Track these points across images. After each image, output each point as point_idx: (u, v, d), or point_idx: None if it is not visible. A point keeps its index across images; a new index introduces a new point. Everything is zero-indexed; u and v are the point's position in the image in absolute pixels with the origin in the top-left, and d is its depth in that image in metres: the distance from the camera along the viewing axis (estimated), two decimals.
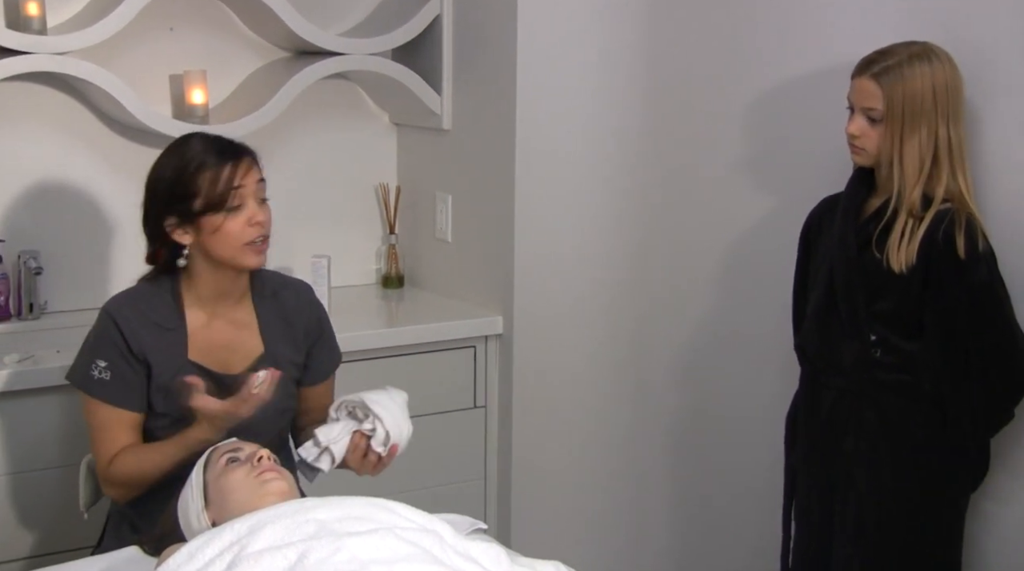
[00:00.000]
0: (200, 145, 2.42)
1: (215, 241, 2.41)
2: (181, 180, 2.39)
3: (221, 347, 2.48)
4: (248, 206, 2.41)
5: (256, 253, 2.44)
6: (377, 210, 3.83)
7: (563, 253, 3.42)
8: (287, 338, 2.55)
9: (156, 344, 2.43)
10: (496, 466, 3.48)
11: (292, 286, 2.61)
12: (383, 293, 3.76)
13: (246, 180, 2.41)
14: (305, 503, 2.01)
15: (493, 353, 3.44)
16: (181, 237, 2.43)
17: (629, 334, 3.52)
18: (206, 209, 2.38)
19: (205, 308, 2.48)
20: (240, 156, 2.42)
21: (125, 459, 2.41)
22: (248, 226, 2.41)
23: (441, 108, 3.55)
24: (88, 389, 2.43)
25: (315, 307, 2.63)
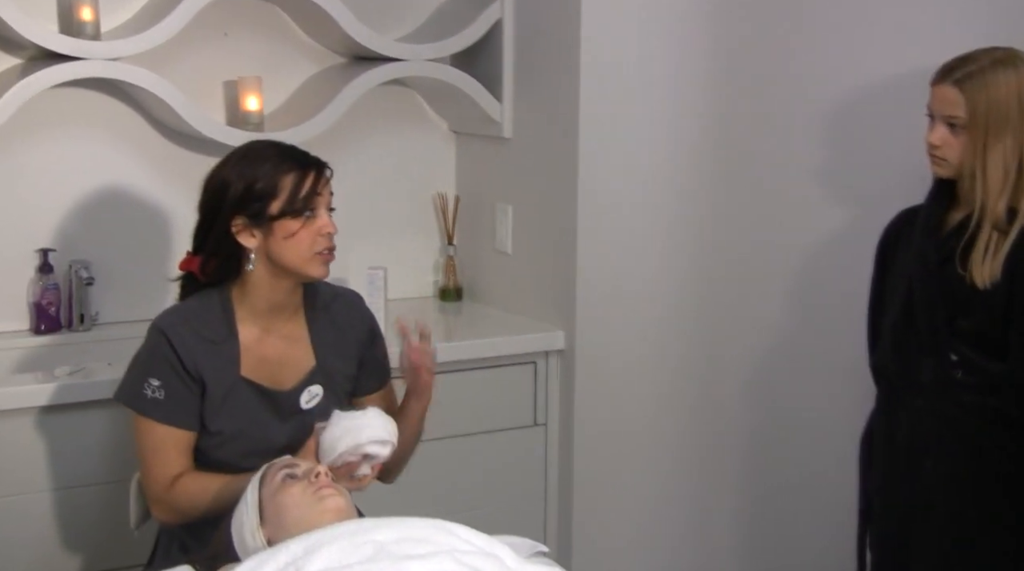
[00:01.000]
0: (277, 148, 2.43)
1: (285, 247, 2.41)
2: (262, 179, 2.39)
3: (273, 362, 2.49)
4: (321, 215, 2.43)
5: (323, 263, 2.44)
6: (435, 221, 3.83)
7: (627, 266, 3.40)
8: (339, 351, 2.56)
9: (210, 361, 2.43)
10: (557, 486, 3.47)
11: (343, 297, 2.62)
12: (441, 306, 3.76)
13: (324, 190, 2.43)
14: (363, 523, 2.01)
15: (554, 369, 3.43)
16: (247, 239, 2.42)
17: (696, 350, 3.50)
18: (284, 213, 2.39)
19: (258, 322, 2.48)
20: (322, 165, 2.44)
21: (189, 487, 2.41)
22: (319, 236, 2.42)
23: (502, 116, 3.55)
24: (141, 409, 2.43)
25: (366, 317, 2.64)
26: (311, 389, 2.50)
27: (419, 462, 3.22)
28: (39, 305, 3.29)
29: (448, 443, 3.31)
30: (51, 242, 3.34)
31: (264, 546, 2.10)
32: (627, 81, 3.33)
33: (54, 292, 3.30)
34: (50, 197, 3.34)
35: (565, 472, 3.45)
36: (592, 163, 3.33)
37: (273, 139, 2.50)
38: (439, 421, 3.26)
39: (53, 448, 2.90)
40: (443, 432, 3.29)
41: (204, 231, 2.46)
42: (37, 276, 3.30)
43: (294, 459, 2.26)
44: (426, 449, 3.24)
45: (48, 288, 3.29)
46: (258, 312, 2.48)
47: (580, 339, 3.38)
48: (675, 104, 3.39)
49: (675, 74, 3.37)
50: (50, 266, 3.30)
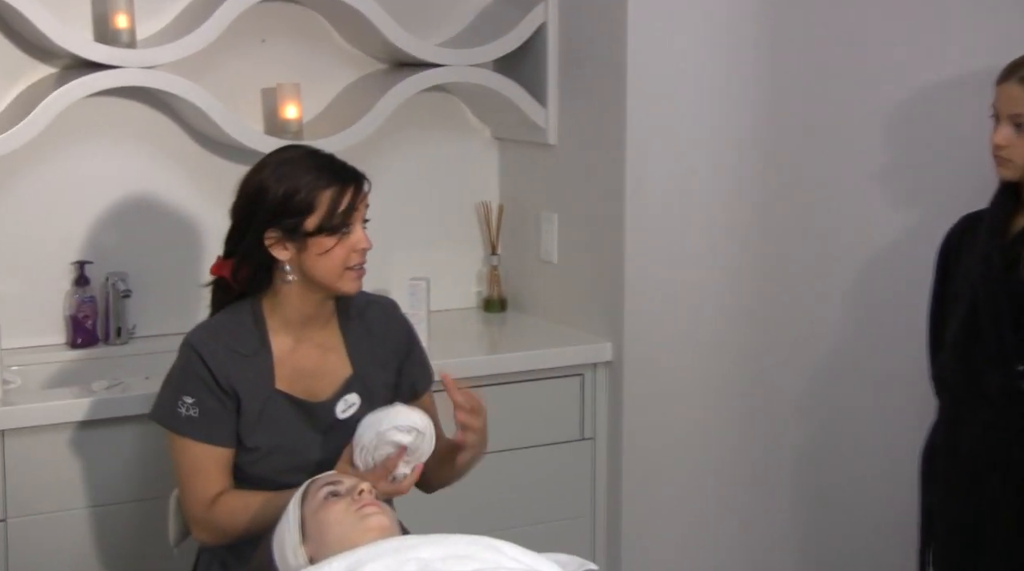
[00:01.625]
0: (315, 160, 2.41)
1: (318, 263, 2.40)
2: (299, 192, 2.37)
3: (308, 373, 2.48)
4: (356, 231, 2.42)
5: (355, 279, 2.44)
6: (478, 230, 3.82)
7: (677, 275, 3.39)
8: (376, 359, 2.54)
9: (243, 375, 2.42)
10: (605, 502, 3.45)
11: (377, 304, 2.61)
12: (484, 317, 3.75)
13: (361, 205, 2.42)
14: (407, 541, 2.01)
15: (602, 381, 3.41)
16: (280, 252, 2.41)
17: (750, 361, 3.48)
18: (320, 230, 2.38)
19: (291, 333, 2.48)
20: (360, 179, 2.43)
21: (230, 505, 2.39)
22: (353, 251, 2.41)
23: (546, 122, 3.54)
24: (176, 428, 2.42)
25: (402, 324, 2.62)
26: (347, 398, 2.49)
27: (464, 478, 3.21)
28: (75, 318, 3.30)
29: (493, 458, 3.26)
30: (87, 254, 3.35)
31: (306, 564, 2.10)
32: (675, 84, 3.32)
33: (90, 305, 3.31)
34: (86, 208, 3.35)
35: (614, 487, 3.43)
36: (639, 169, 3.31)
37: (311, 147, 2.49)
38: None
39: (90, 464, 2.90)
40: (489, 447, 3.25)
41: (237, 237, 2.46)
42: (73, 289, 3.32)
43: (337, 475, 2.26)
44: None
45: (84, 301, 3.30)
46: (290, 323, 2.47)
47: (628, 350, 3.37)
48: (726, 106, 3.37)
49: (725, 75, 3.36)
50: (86, 278, 3.31)
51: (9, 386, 2.92)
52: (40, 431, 2.84)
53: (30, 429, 2.83)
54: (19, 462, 2.83)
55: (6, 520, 2.84)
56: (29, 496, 2.85)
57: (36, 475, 2.85)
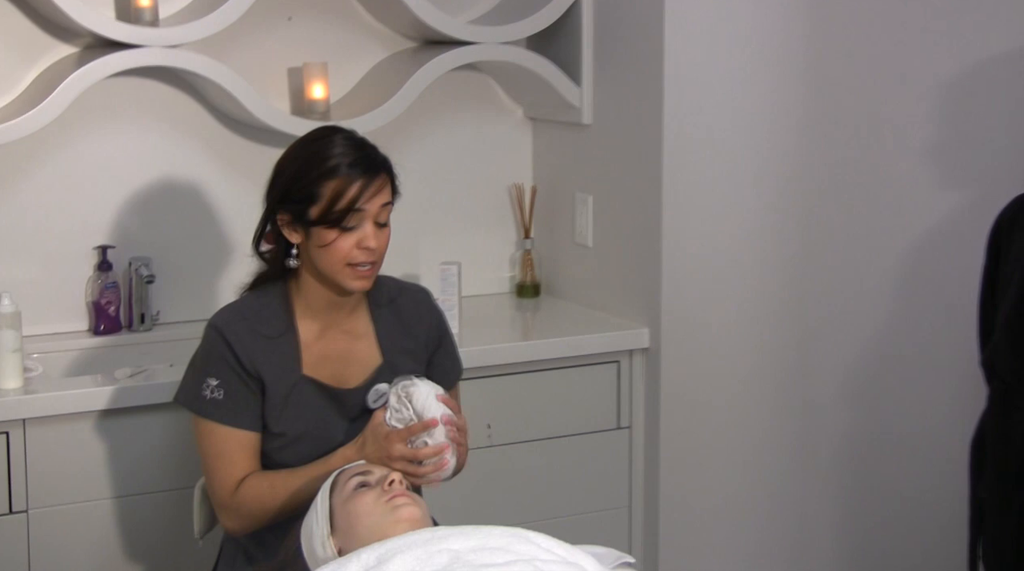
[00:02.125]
0: (340, 147, 2.40)
1: (320, 254, 2.41)
2: (305, 179, 2.39)
3: (336, 359, 2.48)
4: (364, 228, 2.40)
5: (358, 277, 2.43)
6: (511, 213, 3.82)
7: (716, 258, 3.37)
8: (406, 348, 2.55)
9: (268, 358, 2.43)
10: (642, 493, 3.44)
11: (409, 292, 2.61)
12: (517, 303, 3.75)
13: (370, 204, 2.39)
14: (438, 532, 2.01)
15: (639, 368, 3.41)
16: (290, 235, 2.44)
17: (792, 347, 3.46)
18: (320, 221, 2.38)
19: (317, 318, 2.48)
20: (375, 173, 2.40)
21: (255, 486, 2.40)
22: (356, 248, 2.40)
23: (581, 101, 3.53)
24: (201, 410, 2.43)
25: (434, 313, 2.62)
26: (378, 387, 2.49)
27: (496, 467, 3.23)
28: (98, 304, 3.31)
29: (526, 447, 3.30)
30: (110, 239, 3.35)
31: (335, 556, 2.11)
32: (714, 60, 3.30)
33: (113, 291, 3.31)
34: (108, 192, 3.36)
35: (651, 478, 3.42)
36: (677, 149, 3.30)
37: (347, 132, 2.47)
38: (517, 424, 3.27)
39: (113, 454, 2.91)
40: (521, 436, 3.28)
41: (263, 212, 2.49)
42: (96, 274, 3.32)
43: (368, 465, 2.27)
44: (503, 453, 3.25)
45: (107, 287, 3.30)
46: (316, 308, 2.48)
47: (666, 336, 3.35)
48: (767, 83, 3.35)
49: (767, 51, 3.34)
50: (109, 264, 3.32)
51: (30, 374, 2.92)
52: (62, 420, 2.85)
53: (52, 418, 2.84)
54: (41, 452, 2.84)
55: (27, 511, 2.85)
56: (51, 487, 2.86)
57: (58, 465, 2.86)
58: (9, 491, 2.82)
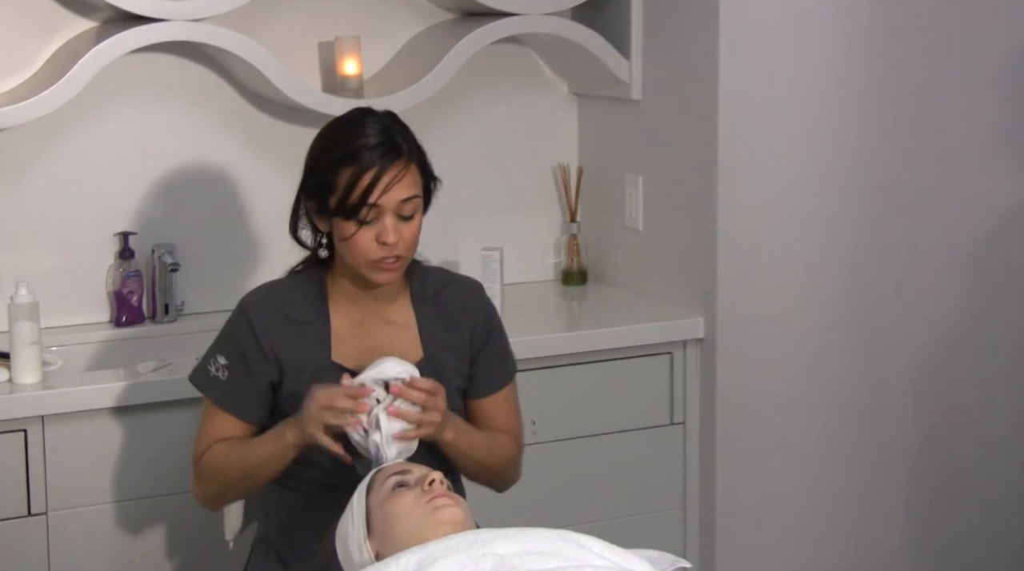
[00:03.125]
0: (365, 131, 2.39)
1: (343, 247, 2.42)
2: (323, 165, 2.39)
3: (374, 351, 2.47)
4: (383, 222, 2.38)
5: (382, 271, 2.42)
6: (556, 195, 3.81)
7: (776, 243, 3.36)
8: (449, 344, 2.53)
9: (292, 342, 2.44)
10: (698, 493, 3.44)
11: (458, 284, 2.59)
12: (563, 291, 3.75)
13: (386, 198, 2.36)
14: (481, 534, 2.00)
15: (693, 360, 3.40)
16: (319, 222, 2.46)
17: (856, 337, 3.45)
18: (338, 212, 2.38)
19: (355, 305, 2.49)
20: (393, 161, 2.37)
21: (219, 447, 2.44)
22: (377, 243, 2.39)
23: (630, 75, 3.52)
24: (201, 384, 2.48)
25: (483, 308, 2.60)
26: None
27: (541, 466, 3.22)
28: (119, 294, 3.32)
29: (574, 444, 3.30)
30: (132, 225, 3.36)
31: (371, 560, 2.10)
32: (773, 31, 3.29)
33: (135, 280, 3.32)
34: (130, 175, 3.36)
35: (707, 477, 3.41)
36: (733, 125, 3.29)
37: (375, 114, 2.45)
38: (563, 420, 3.26)
39: (137, 452, 2.92)
40: (568, 432, 3.28)
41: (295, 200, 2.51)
42: (117, 262, 3.33)
43: (407, 464, 2.26)
44: (549, 451, 3.24)
45: (129, 275, 3.31)
46: (352, 296, 2.49)
47: (722, 326, 3.34)
48: (830, 58, 3.33)
49: (830, 23, 3.32)
50: (131, 251, 3.32)
51: (48, 368, 2.93)
52: (82, 417, 2.86)
53: (72, 415, 2.85)
54: (60, 451, 2.85)
55: (47, 514, 2.87)
56: (71, 487, 2.87)
57: (78, 465, 2.87)
58: (28, 492, 2.84)
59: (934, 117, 3.32)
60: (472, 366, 2.57)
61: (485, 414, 2.58)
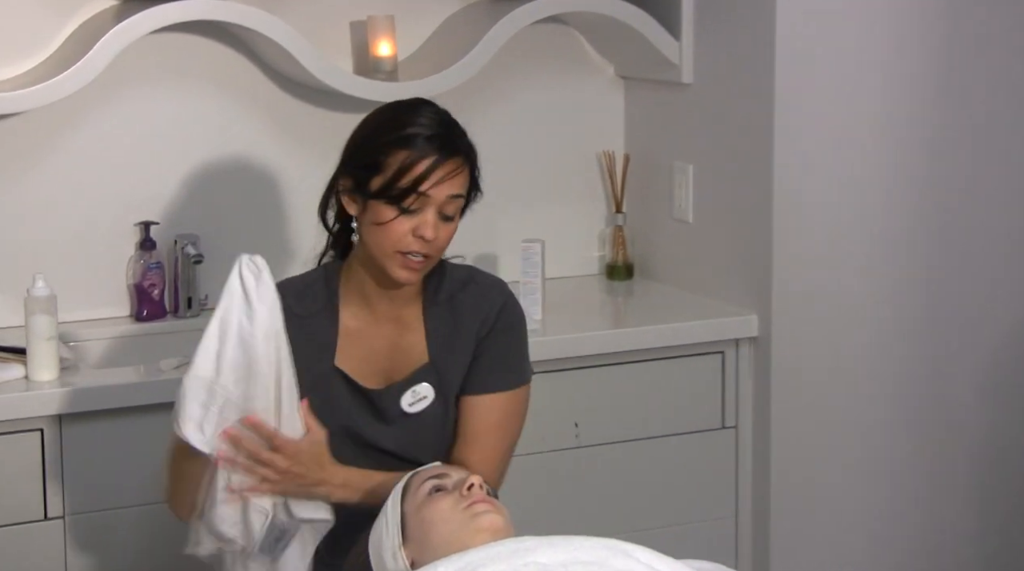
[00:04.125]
0: (424, 118, 2.40)
1: (371, 233, 2.41)
2: (375, 143, 2.40)
3: (379, 355, 2.49)
4: (424, 214, 2.38)
5: (407, 267, 2.41)
6: (600, 184, 3.81)
7: (835, 236, 3.36)
8: (455, 346, 2.51)
9: (300, 345, 2.41)
10: (751, 500, 3.44)
11: (478, 284, 2.56)
12: (608, 286, 3.75)
13: (437, 189, 2.38)
14: (523, 543, 2.00)
15: (746, 360, 3.40)
16: (348, 204, 2.46)
17: (922, 338, 3.45)
18: (380, 194, 2.38)
19: (366, 305, 2.50)
20: (450, 155, 2.39)
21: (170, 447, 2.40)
22: (412, 236, 2.38)
23: (680, 57, 3.52)
24: None
25: (496, 303, 2.54)
26: (417, 389, 2.48)
27: (584, 470, 3.22)
28: (140, 287, 3.33)
29: (619, 449, 3.30)
30: (153, 214, 3.37)
31: (407, 569, 2.11)
32: (833, 11, 3.28)
33: (157, 272, 3.33)
34: (151, 162, 3.38)
35: (760, 484, 3.41)
36: (790, 112, 3.28)
37: (436, 106, 2.46)
38: (607, 423, 3.27)
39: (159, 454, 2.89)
40: (613, 436, 3.28)
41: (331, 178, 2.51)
42: (137, 254, 3.35)
43: (444, 467, 2.27)
44: (592, 456, 3.25)
45: (150, 268, 3.32)
46: (366, 296, 2.49)
47: (777, 324, 3.34)
48: (896, 34, 3.33)
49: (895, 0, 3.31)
50: (152, 242, 3.34)
51: (66, 365, 2.94)
52: (101, 416, 2.87)
53: (90, 414, 2.86)
54: (77, 452, 2.86)
55: (64, 518, 2.88)
56: (89, 491, 2.88)
57: (97, 467, 2.88)
58: (44, 495, 2.85)
59: (1005, 99, 3.31)
60: (473, 360, 2.52)
61: (464, 420, 2.51)
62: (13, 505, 2.84)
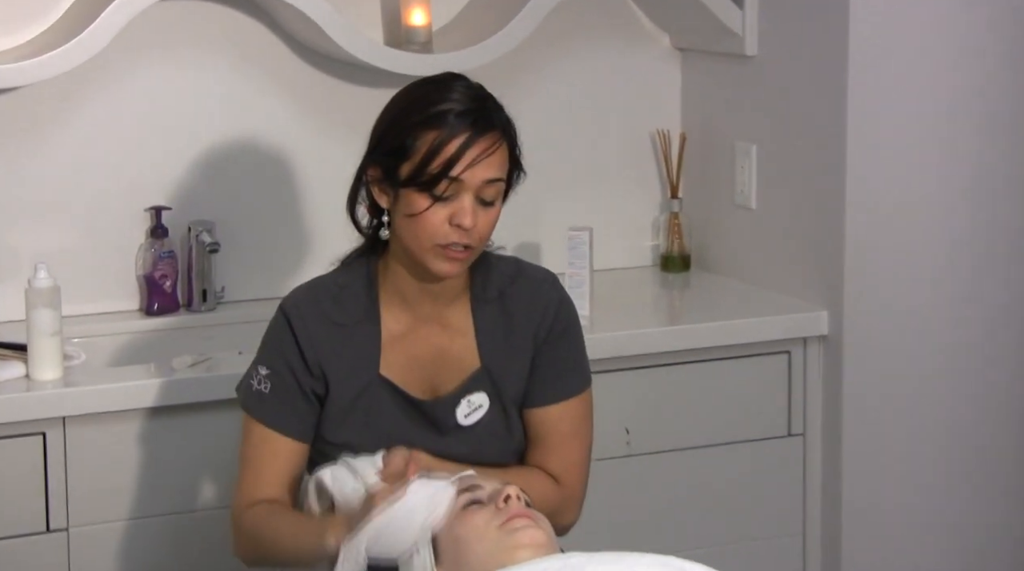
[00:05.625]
0: (456, 94, 2.38)
1: (405, 225, 2.39)
2: (403, 124, 2.37)
3: (426, 362, 2.48)
4: (460, 200, 2.36)
5: (447, 259, 2.39)
6: (654, 167, 3.81)
7: (915, 225, 3.35)
8: (511, 350, 2.51)
9: (339, 352, 2.43)
10: (820, 515, 3.44)
11: (527, 278, 2.55)
12: (662, 279, 3.75)
13: (471, 173, 2.34)
14: (571, 559, 1.99)
15: (815, 361, 3.40)
16: (379, 196, 2.43)
17: (1011, 336, 3.44)
18: (411, 181, 2.36)
19: (407, 307, 2.48)
20: (485, 131, 2.36)
21: (261, 514, 2.40)
22: (449, 225, 2.36)
23: (743, 26, 3.53)
24: (243, 400, 2.48)
25: (552, 302, 2.53)
26: (472, 399, 2.47)
27: (636, 481, 3.23)
28: (150, 278, 3.34)
29: (674, 458, 3.31)
30: (165, 199, 3.38)
31: None
32: None
33: (169, 262, 3.34)
34: (163, 142, 3.39)
35: (830, 497, 3.41)
36: (865, 85, 3.28)
37: (468, 80, 2.44)
38: (662, 430, 3.27)
39: (171, 460, 2.94)
40: (668, 443, 3.29)
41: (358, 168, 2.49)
42: (148, 242, 3.36)
43: (476, 478, 2.25)
44: (645, 465, 3.26)
45: (162, 257, 3.34)
46: (405, 294, 2.48)
47: (850, 321, 3.34)
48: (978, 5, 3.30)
49: None
50: (164, 229, 3.35)
51: (71, 363, 2.95)
52: (108, 419, 2.88)
53: (97, 416, 2.87)
54: (83, 457, 2.87)
55: (67, 530, 2.89)
56: (95, 500, 2.89)
57: (104, 474, 2.89)
58: (46, 505, 2.86)
59: None
60: (533, 369, 2.52)
61: (535, 432, 2.53)
62: (13, 516, 2.85)
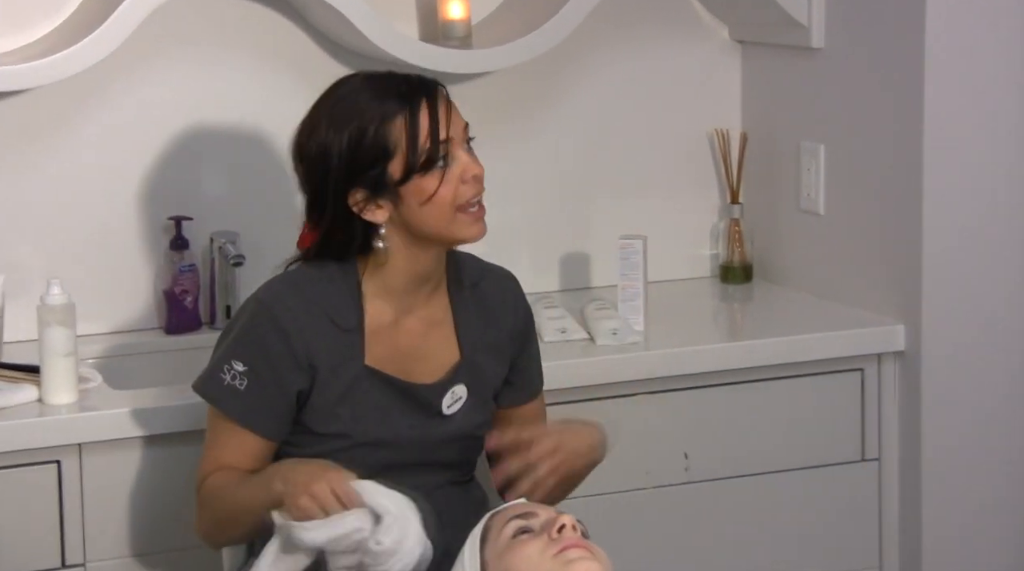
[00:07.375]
0: (373, 86, 2.52)
1: (422, 213, 2.52)
2: (365, 138, 2.48)
3: (408, 353, 2.60)
4: (459, 157, 2.52)
5: (474, 221, 2.55)
6: (712, 169, 3.82)
7: (998, 231, 3.36)
8: (489, 343, 2.67)
9: (327, 345, 2.53)
10: (898, 548, 3.43)
11: (494, 275, 2.74)
12: (722, 291, 3.76)
13: (453, 128, 2.52)
14: None
15: (890, 379, 3.40)
16: (374, 214, 2.53)
17: None
18: (409, 173, 2.49)
19: (392, 302, 2.59)
20: (432, 92, 2.51)
21: (216, 476, 2.52)
22: (462, 183, 2.51)
23: (809, 17, 3.53)
24: (212, 396, 2.54)
25: (522, 303, 2.76)
26: (455, 391, 2.60)
27: (695, 510, 3.23)
28: (171, 294, 3.36)
29: (737, 485, 3.31)
30: (186, 209, 3.40)
31: None
32: None
33: (191, 276, 3.37)
34: (183, 147, 3.41)
35: (909, 527, 3.41)
36: (944, 80, 3.28)
37: (366, 72, 2.58)
38: (723, 454, 3.27)
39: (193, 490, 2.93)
40: (729, 469, 3.29)
41: (319, 210, 2.57)
42: (168, 254, 3.38)
43: (530, 505, 2.27)
44: (705, 493, 3.25)
45: (183, 271, 3.36)
46: (393, 289, 2.59)
47: (928, 336, 3.34)
48: None
49: None
50: (185, 241, 3.37)
51: (87, 385, 2.97)
52: (128, 446, 2.90)
53: (114, 443, 2.89)
54: (101, 486, 2.89)
55: (84, 565, 2.91)
56: (114, 533, 2.91)
57: (123, 505, 2.91)
58: (62, 538, 2.88)
59: None
60: (512, 370, 2.70)
61: (522, 424, 2.69)
62: (26, 550, 2.86)
